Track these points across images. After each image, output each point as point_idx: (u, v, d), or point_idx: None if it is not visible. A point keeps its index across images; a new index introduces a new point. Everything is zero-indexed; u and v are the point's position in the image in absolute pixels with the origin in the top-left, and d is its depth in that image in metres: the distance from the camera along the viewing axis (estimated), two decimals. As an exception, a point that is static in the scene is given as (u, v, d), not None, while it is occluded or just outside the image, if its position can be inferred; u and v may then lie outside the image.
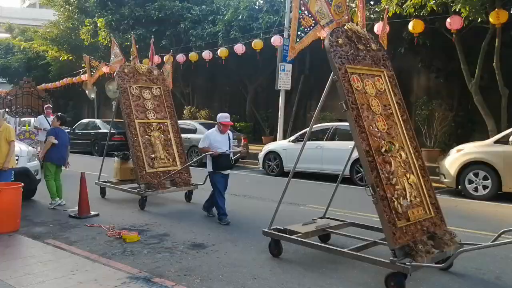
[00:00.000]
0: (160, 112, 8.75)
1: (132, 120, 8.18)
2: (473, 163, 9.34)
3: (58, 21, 27.31)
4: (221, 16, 19.55)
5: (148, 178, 7.90)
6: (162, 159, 8.30)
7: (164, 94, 9.00)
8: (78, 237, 6.04)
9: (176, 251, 5.47)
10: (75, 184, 7.81)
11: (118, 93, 8.26)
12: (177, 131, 8.86)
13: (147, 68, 9.02)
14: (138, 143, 8.05)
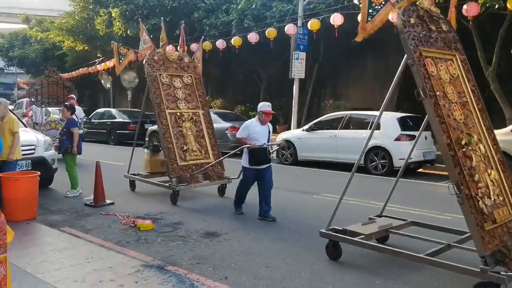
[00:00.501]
0: (191, 102, 8.27)
1: (163, 110, 7.74)
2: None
3: (74, 12, 27.48)
4: (235, 5, 19.45)
5: (180, 171, 7.51)
6: (194, 151, 7.86)
7: (195, 82, 8.50)
8: (93, 225, 6.15)
9: (189, 239, 5.53)
10: (90, 172, 7.93)
11: (147, 81, 7.83)
12: (209, 122, 8.38)
13: (177, 55, 8.55)
14: (169, 135, 7.61)
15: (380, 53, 17.51)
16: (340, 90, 19.40)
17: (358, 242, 4.62)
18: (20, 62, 38.47)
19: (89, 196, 7.63)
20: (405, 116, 11.59)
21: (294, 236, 5.68)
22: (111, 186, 8.27)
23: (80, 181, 8.26)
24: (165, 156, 7.64)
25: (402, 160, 10.72)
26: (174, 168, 7.47)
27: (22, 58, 36.94)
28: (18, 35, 39.44)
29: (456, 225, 5.45)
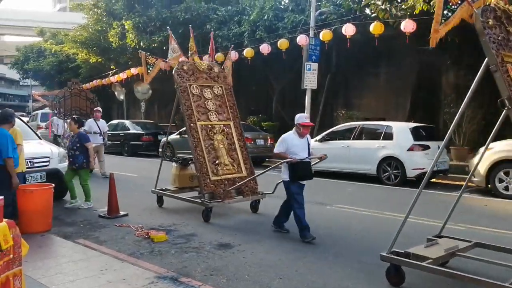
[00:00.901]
0: (222, 113, 7.91)
1: (194, 123, 7.39)
2: (504, 162, 9.13)
3: (87, 24, 27.87)
4: (247, 16, 19.58)
5: (212, 186, 7.12)
6: (226, 165, 7.46)
7: (226, 93, 8.16)
8: (107, 237, 6.18)
9: (203, 251, 5.53)
10: (104, 184, 7.99)
11: (177, 92, 7.51)
12: (240, 134, 7.99)
13: (207, 65, 8.25)
14: (200, 148, 7.25)
15: (393, 62, 17.46)
16: (353, 100, 19.34)
17: (427, 267, 4.14)
18: (35, 74, 39.07)
19: (103, 208, 7.67)
20: (417, 126, 11.52)
21: (307, 247, 5.65)
22: (124, 197, 8.32)
23: (94, 192, 8.32)
24: (196, 171, 7.31)
25: (414, 170, 10.68)
26: (207, 183, 7.08)
27: (37, 70, 37.50)
28: (33, 48, 40.10)
29: (470, 235, 5.38)
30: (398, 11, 12.78)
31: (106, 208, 7.46)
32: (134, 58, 26.22)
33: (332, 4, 17.57)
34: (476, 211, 8.01)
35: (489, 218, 7.29)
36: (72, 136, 8.29)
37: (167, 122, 27.29)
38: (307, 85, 16.24)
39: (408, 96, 17.09)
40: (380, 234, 6.18)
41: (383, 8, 13.00)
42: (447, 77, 16.31)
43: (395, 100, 17.71)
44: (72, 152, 7.97)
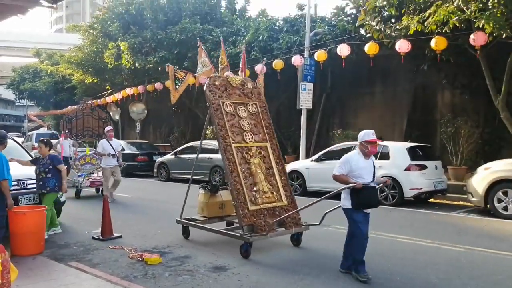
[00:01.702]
0: (258, 134, 7.05)
1: (229, 145, 6.56)
2: (502, 181, 9.07)
3: (83, 45, 28.01)
4: (242, 37, 19.72)
5: (251, 217, 6.24)
6: (265, 193, 6.57)
7: (261, 111, 7.34)
8: (100, 259, 6.05)
9: (197, 273, 5.41)
10: (97, 205, 7.87)
11: (209, 109, 6.84)
12: (278, 157, 7.11)
13: (240, 80, 7.46)
14: (237, 173, 6.41)
15: (388, 82, 17.55)
16: (348, 119, 19.38)
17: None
18: (31, 95, 39.10)
19: (96, 229, 7.53)
20: (414, 146, 11.50)
21: (303, 270, 5.54)
22: (119, 218, 8.20)
23: (87, 214, 8.20)
24: (233, 199, 6.38)
25: (412, 190, 10.61)
26: (245, 214, 6.21)
27: (33, 91, 37.56)
28: (29, 69, 40.23)
29: (469, 257, 5.30)
30: (393, 31, 12.89)
31: (99, 230, 7.32)
32: (130, 79, 26.31)
33: (326, 24, 17.74)
34: (475, 231, 7.92)
35: (489, 239, 7.20)
36: (43, 158, 7.43)
37: (162, 142, 27.34)
38: (302, 105, 16.27)
39: (404, 115, 17.13)
40: (376, 256, 6.08)
41: (378, 28, 13.10)
42: (443, 96, 16.39)
43: (391, 120, 17.74)
44: (43, 175, 7.22)
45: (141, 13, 23.49)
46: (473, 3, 10.74)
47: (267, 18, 20.59)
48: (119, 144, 12.03)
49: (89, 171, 12.26)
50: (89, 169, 12.21)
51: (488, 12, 10.36)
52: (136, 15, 23.65)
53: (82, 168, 12.06)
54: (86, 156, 12.24)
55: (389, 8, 12.69)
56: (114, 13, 24.78)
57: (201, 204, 7.45)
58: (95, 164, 12.24)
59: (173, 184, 15.63)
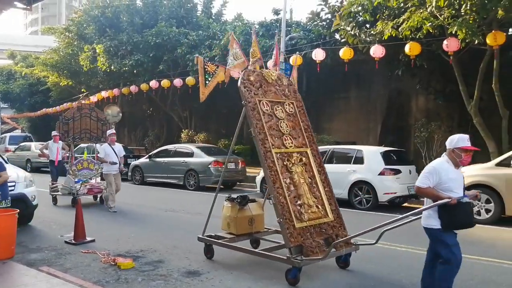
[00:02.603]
0: (297, 138, 6.06)
1: (269, 150, 5.56)
2: (475, 186, 9.22)
3: (59, 48, 27.62)
4: (218, 41, 19.72)
5: (298, 237, 5.23)
6: (310, 207, 5.58)
7: (298, 111, 6.34)
8: (72, 264, 5.92)
9: (170, 278, 5.34)
10: (70, 209, 7.72)
11: (245, 109, 5.79)
12: (320, 164, 6.10)
13: (277, 76, 6.42)
14: (280, 184, 5.40)
15: (363, 87, 17.78)
16: (323, 124, 19.52)
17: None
18: (4, 97, 38.27)
19: (69, 233, 7.39)
20: (388, 150, 11.64)
21: (277, 275, 5.51)
22: (92, 222, 8.06)
23: (60, 217, 8.05)
24: (277, 215, 5.27)
25: (386, 194, 10.73)
26: (292, 233, 5.19)
27: (7, 93, 36.81)
28: (3, 71, 39.46)
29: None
30: (367, 36, 13.06)
31: (72, 234, 7.18)
32: (105, 82, 26.00)
33: (302, 29, 17.88)
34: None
35: (462, 244, 7.29)
36: None
37: (137, 145, 27.04)
38: (279, 109, 16.31)
39: (378, 120, 17.36)
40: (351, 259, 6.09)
41: (353, 33, 13.26)
42: (417, 101, 16.68)
43: (366, 124, 17.95)
44: None
45: (117, 16, 23.31)
46: (446, 10, 10.98)
47: (243, 22, 20.68)
48: (122, 149, 11.07)
49: (87, 177, 11.30)
50: (87, 175, 11.22)
51: (461, 19, 10.60)
52: (112, 18, 23.45)
53: (79, 174, 11.04)
54: (84, 161, 11.26)
55: (364, 14, 12.87)
56: (90, 16, 24.53)
57: (228, 219, 6.37)
58: (93, 170, 11.26)
59: (147, 187, 15.47)
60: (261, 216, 6.45)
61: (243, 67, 7.08)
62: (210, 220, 6.25)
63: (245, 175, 15.79)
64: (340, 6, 14.57)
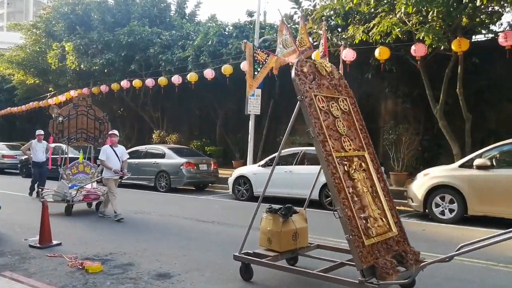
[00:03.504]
0: (354, 139, 5.30)
1: (330, 154, 4.78)
2: (440, 187, 9.48)
3: (25, 45, 26.93)
4: (191, 41, 19.64)
5: (368, 256, 4.52)
6: (376, 220, 4.88)
7: (352, 109, 5.55)
8: (37, 269, 5.76)
9: (140, 281, 5.27)
10: (35, 211, 7.53)
11: (301, 104, 4.99)
12: (378, 170, 5.35)
13: (330, 68, 5.61)
14: (345, 194, 4.67)
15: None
16: (295, 125, 19.58)
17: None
18: (-34, 94, 37.02)
19: (34, 237, 7.19)
20: (358, 152, 11.81)
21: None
22: (59, 225, 7.88)
23: (24, 220, 7.83)
24: (345, 231, 4.53)
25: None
26: (362, 252, 4.49)
27: (-32, 90, 35.60)
28: (-36, 67, 38.10)
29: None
30: (339, 40, 13.24)
31: (37, 237, 6.99)
32: (74, 81, 25.49)
33: (275, 31, 17.96)
34: (415, 236, 8.19)
35: (427, 243, 7.49)
36: None
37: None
38: (250, 110, 16.37)
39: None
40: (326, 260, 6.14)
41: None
42: (386, 104, 17.01)
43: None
44: None
45: (88, 14, 22.92)
46: (414, 16, 11.26)
47: (217, 23, 20.66)
48: (124, 152, 10.08)
49: (83, 182, 10.35)
50: (83, 180, 10.35)
51: (428, 25, 10.90)
52: (83, 16, 23.05)
53: (74, 178, 10.20)
54: (79, 164, 10.42)
55: (336, 18, 13.05)
56: (59, 13, 24.04)
57: (269, 233, 5.55)
58: (89, 173, 10.52)
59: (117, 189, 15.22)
60: (305, 229, 5.74)
61: (294, 56, 6.24)
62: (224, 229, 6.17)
63: (217, 176, 15.76)
64: (313, 10, 14.73)
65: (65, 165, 10.61)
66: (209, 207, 11.39)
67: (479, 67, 13.52)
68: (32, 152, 12.53)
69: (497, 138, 11.22)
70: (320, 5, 13.82)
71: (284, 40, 6.58)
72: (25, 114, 31.08)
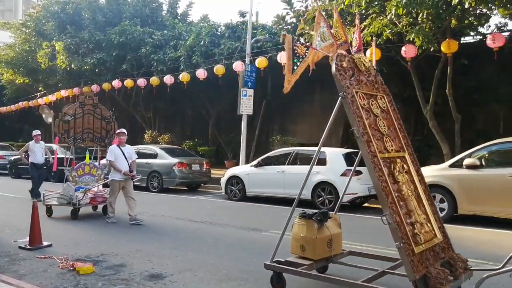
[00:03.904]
0: (394, 139, 5.02)
1: (375, 155, 4.52)
2: (430, 187, 9.49)
3: (14, 44, 26.70)
4: (183, 41, 19.61)
5: (419, 265, 4.19)
6: (422, 226, 4.59)
7: (390, 108, 5.28)
8: (27, 270, 5.72)
9: (133, 282, 5.26)
10: (25, 211, 7.48)
11: (340, 100, 4.75)
12: (418, 172, 5.12)
13: (368, 63, 5.39)
14: (392, 199, 4.39)
15: (326, 90, 18.05)
16: (288, 126, 19.73)
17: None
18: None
19: (24, 238, 7.14)
20: (350, 152, 11.88)
21: (242, 276, 5.54)
22: (49, 226, 7.83)
23: (15, 221, 7.77)
24: (395, 239, 4.20)
25: (348, 195, 10.94)
26: (413, 260, 4.14)
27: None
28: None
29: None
30: (330, 41, 13.30)
31: (27, 238, 6.94)
32: (65, 80, 25.33)
33: (267, 32, 18.02)
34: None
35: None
36: None
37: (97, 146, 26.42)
38: (243, 110, 16.38)
39: (341, 122, 17.69)
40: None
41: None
42: (377, 105, 17.08)
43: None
44: None
45: (79, 13, 22.79)
46: (405, 18, 11.35)
47: (209, 24, 20.65)
48: (133, 152, 9.55)
49: (89, 184, 9.90)
50: (89, 182, 9.91)
51: (418, 27, 11.00)
52: (73, 15, 22.91)
53: (80, 180, 9.78)
54: (85, 166, 9.99)
55: (328, 19, 13.08)
56: (49, 12, 23.88)
57: (303, 240, 5.19)
58: (95, 175, 10.08)
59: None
60: (339, 235, 5.44)
61: (332, 50, 5.80)
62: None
63: (209, 176, 15.75)
64: (304, 11, 14.77)
65: (70, 166, 10.21)
66: (202, 207, 11.39)
67: (468, 68, 13.67)
68: (31, 153, 12.18)
69: (485, 138, 11.35)
70: (312, 6, 13.87)
71: (321, 33, 6.06)
72: (14, 114, 30.82)
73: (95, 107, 10.78)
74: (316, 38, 5.92)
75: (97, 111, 10.80)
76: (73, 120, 10.45)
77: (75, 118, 10.52)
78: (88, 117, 10.69)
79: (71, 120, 10.41)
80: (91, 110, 10.71)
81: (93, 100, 10.94)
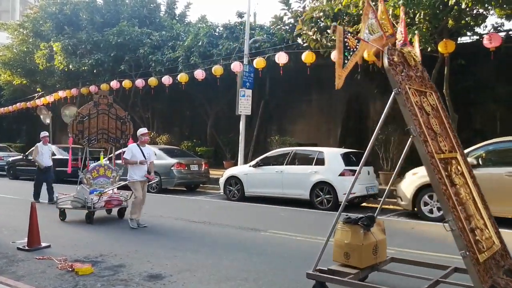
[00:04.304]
0: (445, 138, 4.68)
1: (433, 156, 4.20)
2: (428, 186, 9.58)
3: (12, 45, 26.65)
4: (181, 42, 19.61)
5: (484, 274, 3.89)
6: (483, 232, 4.28)
7: (439, 106, 4.96)
8: (26, 271, 5.72)
9: (132, 283, 5.26)
10: (24, 212, 7.48)
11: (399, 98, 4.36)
12: (470, 173, 4.78)
13: (418, 58, 5.15)
14: (453, 203, 4.07)
15: (324, 90, 18.08)
16: (286, 126, 19.74)
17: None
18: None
19: (22, 239, 7.13)
20: (348, 152, 11.91)
21: (241, 275, 5.56)
22: (48, 227, 7.82)
23: (13, 222, 7.77)
24: (460, 247, 3.86)
25: (346, 195, 10.95)
26: (479, 270, 3.86)
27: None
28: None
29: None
30: (328, 41, 13.33)
31: (25, 239, 6.93)
32: (63, 81, 25.30)
33: (265, 33, 18.04)
34: (404, 234, 8.31)
35: (417, 241, 7.58)
36: None
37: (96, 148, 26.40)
38: (241, 111, 16.40)
39: (339, 123, 17.73)
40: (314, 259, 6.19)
41: (314, 38, 13.51)
42: (375, 105, 17.12)
43: (327, 127, 18.28)
44: None
45: (76, 14, 22.77)
46: (402, 18, 11.36)
47: (207, 24, 20.66)
48: (152, 152, 9.32)
49: (104, 187, 9.54)
50: (104, 184, 9.58)
51: (415, 27, 11.03)
52: (71, 16, 22.90)
53: (95, 182, 9.47)
54: (100, 168, 9.68)
55: (325, 19, 13.13)
56: (47, 13, 23.85)
57: (347, 247, 4.81)
58: (110, 177, 9.77)
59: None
60: (384, 241, 5.12)
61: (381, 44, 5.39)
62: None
63: (208, 177, 15.76)
64: (302, 11, 14.80)
65: (85, 168, 9.84)
66: (201, 207, 11.39)
67: (465, 68, 13.70)
68: (38, 156, 11.98)
69: (483, 137, 11.38)
70: (310, 6, 13.90)
71: (370, 25, 5.61)
72: (12, 115, 30.76)
73: (110, 106, 10.44)
74: (364, 30, 5.52)
75: (111, 111, 10.44)
76: (87, 120, 10.16)
77: (90, 118, 10.21)
78: (103, 117, 10.36)
79: (85, 120, 10.13)
80: (105, 109, 10.37)
81: (108, 99, 10.52)
